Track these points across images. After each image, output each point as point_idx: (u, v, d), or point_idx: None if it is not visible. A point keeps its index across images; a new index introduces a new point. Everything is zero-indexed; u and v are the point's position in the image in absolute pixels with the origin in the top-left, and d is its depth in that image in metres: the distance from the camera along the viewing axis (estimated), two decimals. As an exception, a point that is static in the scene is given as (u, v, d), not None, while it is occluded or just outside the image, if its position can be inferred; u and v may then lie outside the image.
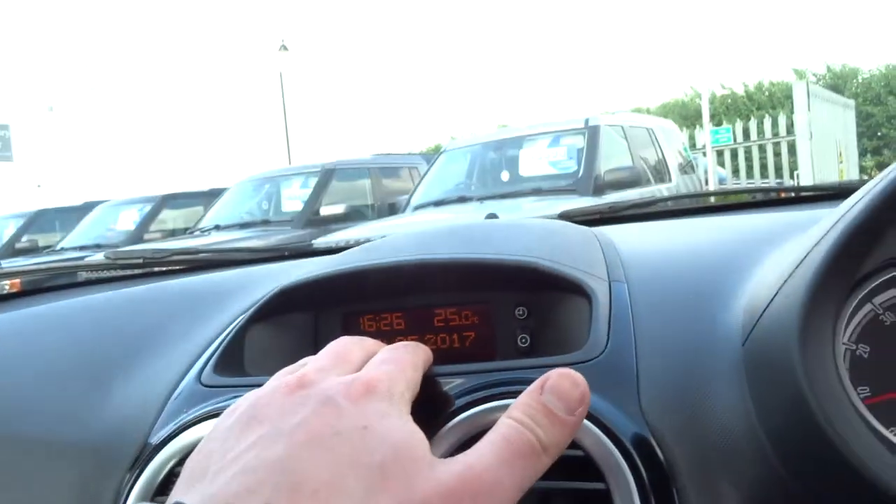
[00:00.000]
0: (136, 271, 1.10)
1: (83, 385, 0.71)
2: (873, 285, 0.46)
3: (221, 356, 0.62)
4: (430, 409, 0.38)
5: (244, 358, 0.62)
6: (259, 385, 0.40)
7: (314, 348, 0.52)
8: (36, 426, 0.69)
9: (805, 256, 0.43)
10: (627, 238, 0.74)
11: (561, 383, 0.36)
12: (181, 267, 1.10)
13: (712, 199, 1.22)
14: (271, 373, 0.43)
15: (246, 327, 0.63)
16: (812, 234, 0.46)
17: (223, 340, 0.64)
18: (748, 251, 0.59)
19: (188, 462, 0.34)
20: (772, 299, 0.45)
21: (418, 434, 0.34)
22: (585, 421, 0.46)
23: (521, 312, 0.58)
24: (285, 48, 17.68)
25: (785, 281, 0.44)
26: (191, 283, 0.93)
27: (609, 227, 0.82)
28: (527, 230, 0.74)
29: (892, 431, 0.42)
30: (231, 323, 0.69)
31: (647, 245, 0.74)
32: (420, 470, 0.31)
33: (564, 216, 1.07)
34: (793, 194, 1.10)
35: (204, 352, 0.66)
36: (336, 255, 0.73)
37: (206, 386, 0.60)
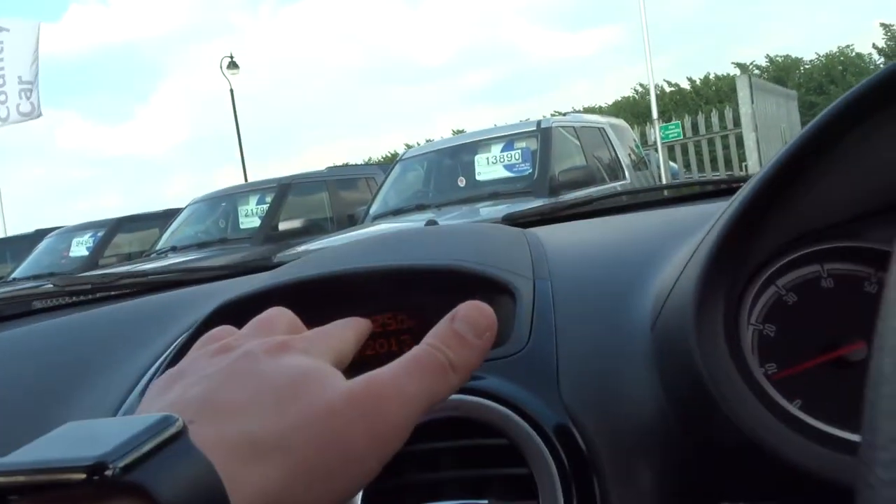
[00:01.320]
0: (86, 297, 1.10)
1: (27, 418, 0.71)
2: (776, 267, 0.50)
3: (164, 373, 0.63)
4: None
5: None
6: None
7: None
8: None
9: (699, 243, 0.46)
10: (556, 237, 0.77)
11: (470, 312, 0.39)
12: (130, 290, 1.10)
13: (645, 195, 1.26)
14: None
15: (186, 344, 0.64)
16: (709, 224, 0.49)
17: (165, 358, 0.65)
18: (661, 244, 0.63)
19: None
20: (672, 286, 0.48)
21: (330, 366, 0.36)
22: (509, 411, 0.49)
23: None
24: (235, 65, 17.53)
25: (682, 270, 0.47)
26: (135, 305, 0.93)
27: (543, 227, 0.85)
28: (458, 235, 0.76)
29: (795, 404, 0.45)
30: (173, 341, 0.70)
31: (572, 243, 0.77)
32: (328, 384, 0.34)
33: (508, 218, 1.10)
34: (722, 187, 1.14)
35: (146, 372, 0.67)
36: (275, 270, 0.74)
37: None
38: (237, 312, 0.64)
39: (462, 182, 5.92)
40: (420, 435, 0.39)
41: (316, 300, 0.63)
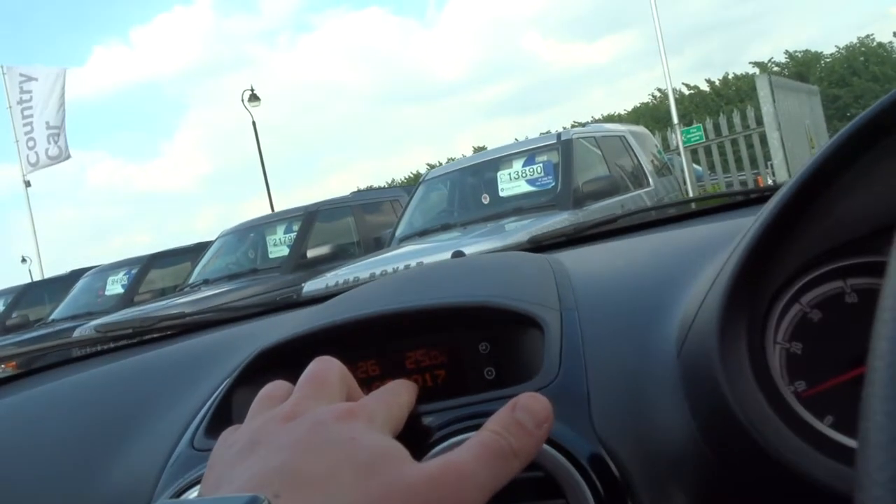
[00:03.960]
0: (128, 342, 1.13)
1: (81, 466, 0.74)
2: (799, 285, 0.50)
3: (211, 420, 0.66)
4: (413, 443, 0.42)
5: (232, 420, 0.65)
6: None
7: None
8: None
9: (722, 267, 0.47)
10: (581, 263, 0.78)
11: (530, 403, 0.41)
12: (170, 332, 1.13)
13: (671, 210, 1.26)
14: None
15: (231, 390, 0.66)
16: (732, 244, 0.50)
17: (211, 405, 0.68)
18: (686, 266, 0.64)
19: (200, 491, 0.38)
20: (697, 311, 0.49)
21: (400, 446, 0.38)
22: (543, 444, 0.50)
23: (484, 347, 0.63)
24: (256, 98, 17.78)
25: (705, 295, 0.48)
26: (176, 350, 0.96)
27: (567, 252, 0.86)
28: (485, 268, 0.78)
29: (825, 421, 0.45)
30: (217, 387, 0.72)
31: (597, 269, 0.78)
32: (406, 464, 0.36)
33: (533, 241, 1.12)
34: (751, 196, 1.14)
35: (194, 418, 0.70)
36: (310, 309, 0.77)
37: (199, 450, 0.64)
38: (277, 357, 0.67)
39: (486, 199, 5.94)
40: None
41: (352, 341, 0.65)
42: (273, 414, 0.40)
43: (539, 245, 1.10)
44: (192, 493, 0.58)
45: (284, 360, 0.67)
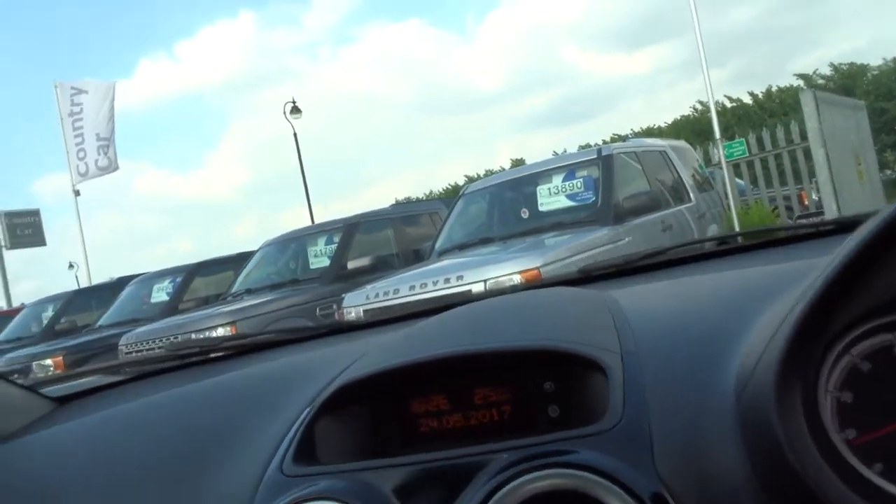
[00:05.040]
0: (197, 359, 1.19)
1: (173, 485, 0.79)
2: (852, 337, 0.54)
3: (298, 447, 0.70)
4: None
5: (315, 447, 0.70)
6: (331, 473, 0.47)
7: (371, 432, 0.60)
8: None
9: (781, 323, 0.50)
10: (636, 302, 0.81)
11: None
12: (233, 352, 1.19)
13: (716, 244, 1.28)
14: (339, 458, 0.51)
15: (314, 420, 0.71)
16: (792, 296, 0.53)
17: (296, 433, 0.72)
18: (743, 311, 0.67)
19: None
20: (756, 363, 0.53)
21: None
22: (609, 483, 0.54)
23: (549, 387, 0.67)
24: (298, 110, 18.04)
25: (766, 345, 0.52)
26: (250, 374, 1.01)
27: (620, 289, 0.89)
28: (544, 308, 0.82)
29: (874, 469, 0.48)
30: (299, 414, 0.77)
31: (653, 310, 0.81)
32: None
33: (584, 272, 1.15)
34: (798, 232, 1.16)
35: (279, 443, 0.74)
36: (383, 343, 0.81)
37: (288, 476, 0.68)
38: (359, 387, 0.71)
39: (525, 213, 5.95)
40: None
41: (425, 377, 0.70)
42: None
43: (589, 276, 1.13)
44: None
45: (361, 393, 0.72)
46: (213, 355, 1.20)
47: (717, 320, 0.70)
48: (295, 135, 18.07)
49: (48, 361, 7.23)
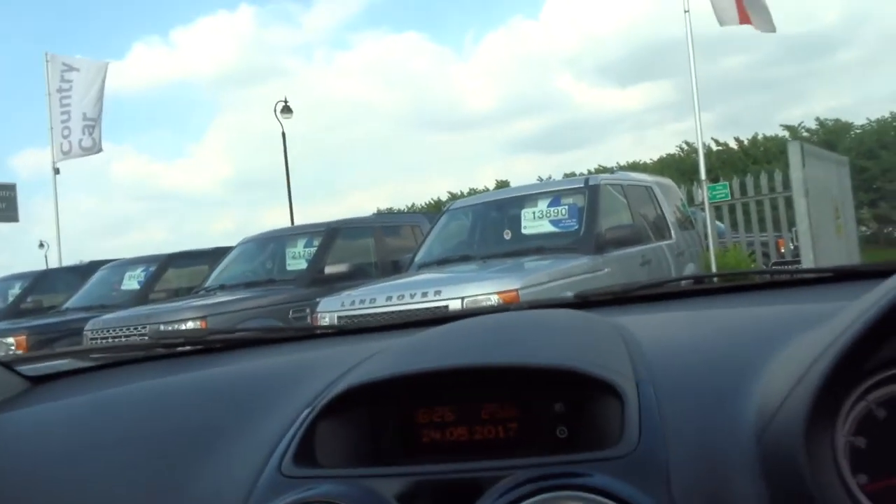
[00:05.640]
0: (181, 349, 1.15)
1: (155, 484, 0.75)
2: (869, 384, 0.53)
3: (297, 448, 0.68)
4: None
5: (315, 449, 0.68)
6: (333, 477, 0.46)
7: (371, 438, 0.58)
8: None
9: (810, 366, 0.50)
10: (647, 331, 0.81)
11: None
12: (219, 346, 1.16)
13: (717, 280, 1.29)
14: (338, 462, 0.49)
15: (316, 421, 0.69)
16: (816, 341, 0.53)
17: (295, 433, 0.70)
18: (760, 349, 0.66)
19: None
20: (781, 403, 0.52)
21: None
22: None
23: (559, 407, 0.65)
24: (289, 110, 17.98)
25: (792, 388, 0.51)
26: (240, 370, 0.98)
27: (629, 318, 0.88)
28: (558, 328, 0.81)
29: None
30: (293, 417, 0.74)
31: (663, 339, 0.80)
32: None
33: (580, 297, 1.14)
34: (795, 277, 1.17)
35: (275, 445, 0.72)
36: (387, 351, 0.79)
37: (287, 477, 0.66)
38: (362, 392, 0.69)
39: (508, 235, 5.96)
40: None
41: (431, 388, 0.68)
42: None
43: (587, 300, 1.12)
44: None
45: (364, 399, 0.69)
46: (195, 348, 1.17)
47: (730, 354, 0.69)
48: (283, 134, 18.02)
49: (10, 340, 7.06)
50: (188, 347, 1.16)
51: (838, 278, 1.05)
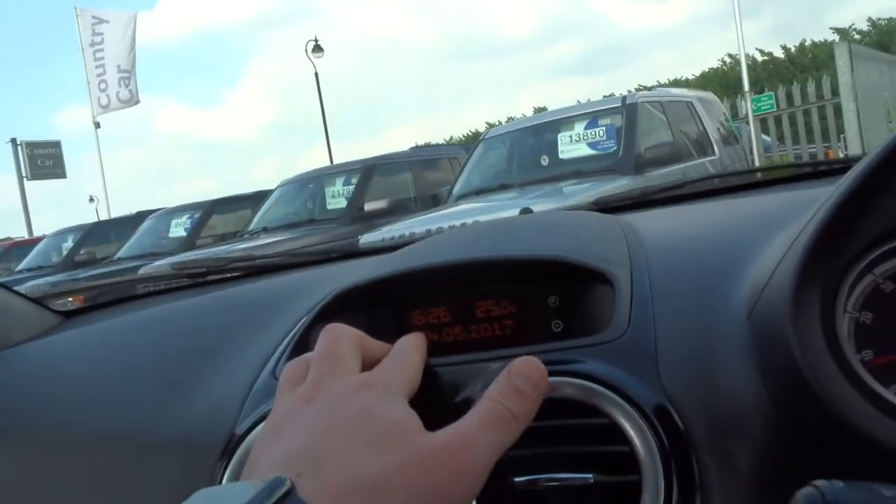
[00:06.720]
0: (202, 279, 1.19)
1: (168, 388, 0.79)
2: (874, 255, 0.51)
3: (291, 353, 0.69)
4: (431, 399, 0.46)
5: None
6: None
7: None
8: (131, 426, 0.78)
9: (797, 235, 0.48)
10: (650, 225, 0.79)
11: (524, 367, 0.44)
12: (240, 273, 1.18)
13: (737, 178, 1.25)
14: None
15: (310, 327, 0.70)
16: (807, 214, 0.51)
17: (290, 340, 0.72)
18: (756, 233, 0.64)
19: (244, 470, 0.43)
20: (770, 276, 0.50)
21: (413, 415, 0.41)
22: (611, 392, 0.53)
23: (553, 301, 0.65)
24: (320, 49, 17.82)
25: (779, 262, 0.49)
26: (253, 289, 1.01)
27: (635, 214, 0.87)
28: (556, 225, 0.80)
29: (891, 390, 0.46)
30: (294, 325, 0.76)
31: (667, 231, 0.79)
32: (418, 434, 0.40)
33: (599, 203, 1.12)
34: (819, 168, 1.12)
35: (273, 352, 0.74)
36: (385, 257, 0.80)
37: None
38: (354, 298, 0.70)
39: (545, 161, 5.88)
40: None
41: (425, 288, 0.68)
42: (295, 396, 0.43)
43: (605, 207, 1.10)
44: None
45: (359, 302, 0.70)
46: (219, 276, 1.20)
47: (730, 241, 0.68)
48: (316, 74, 17.92)
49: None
50: (210, 277, 1.19)
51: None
